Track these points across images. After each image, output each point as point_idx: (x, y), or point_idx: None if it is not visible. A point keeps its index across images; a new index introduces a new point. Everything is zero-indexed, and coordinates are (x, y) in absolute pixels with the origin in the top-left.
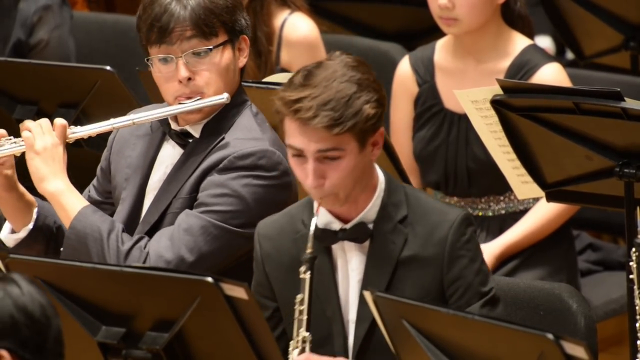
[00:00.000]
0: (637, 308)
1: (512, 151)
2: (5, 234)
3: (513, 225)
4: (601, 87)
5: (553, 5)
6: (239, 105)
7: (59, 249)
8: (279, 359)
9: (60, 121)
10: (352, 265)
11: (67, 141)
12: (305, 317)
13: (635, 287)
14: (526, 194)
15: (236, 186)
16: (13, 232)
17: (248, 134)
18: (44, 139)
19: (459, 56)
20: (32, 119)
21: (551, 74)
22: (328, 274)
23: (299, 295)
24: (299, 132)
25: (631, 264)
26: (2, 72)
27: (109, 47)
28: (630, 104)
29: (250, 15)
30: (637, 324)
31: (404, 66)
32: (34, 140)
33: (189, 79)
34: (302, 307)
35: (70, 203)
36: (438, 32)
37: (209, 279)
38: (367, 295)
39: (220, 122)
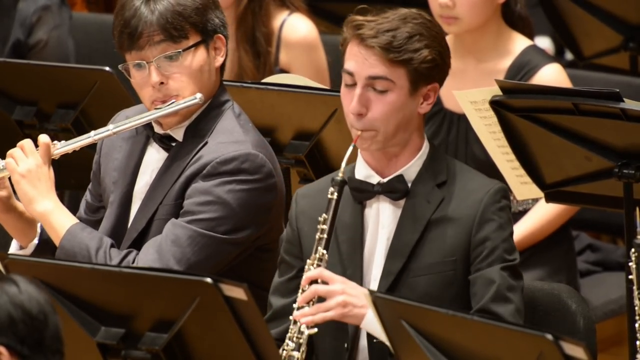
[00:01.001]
0: (636, 308)
1: (511, 152)
2: (13, 250)
3: None
4: (600, 87)
5: (552, 6)
6: (220, 106)
7: None
8: (277, 359)
9: (44, 139)
10: (383, 221)
11: (52, 157)
12: (325, 236)
13: (635, 287)
14: (525, 194)
15: (220, 192)
16: (21, 247)
17: (230, 137)
18: (27, 162)
19: (459, 56)
20: (32, 119)
21: (552, 75)
22: (356, 234)
23: (323, 214)
24: (355, 52)
25: (630, 264)
26: (1, 73)
27: (108, 47)
28: (629, 104)
29: (249, 16)
30: (636, 325)
31: None
32: (16, 164)
33: (162, 83)
34: (324, 226)
35: (59, 222)
36: None
37: (208, 279)
38: (367, 296)
39: (201, 124)
